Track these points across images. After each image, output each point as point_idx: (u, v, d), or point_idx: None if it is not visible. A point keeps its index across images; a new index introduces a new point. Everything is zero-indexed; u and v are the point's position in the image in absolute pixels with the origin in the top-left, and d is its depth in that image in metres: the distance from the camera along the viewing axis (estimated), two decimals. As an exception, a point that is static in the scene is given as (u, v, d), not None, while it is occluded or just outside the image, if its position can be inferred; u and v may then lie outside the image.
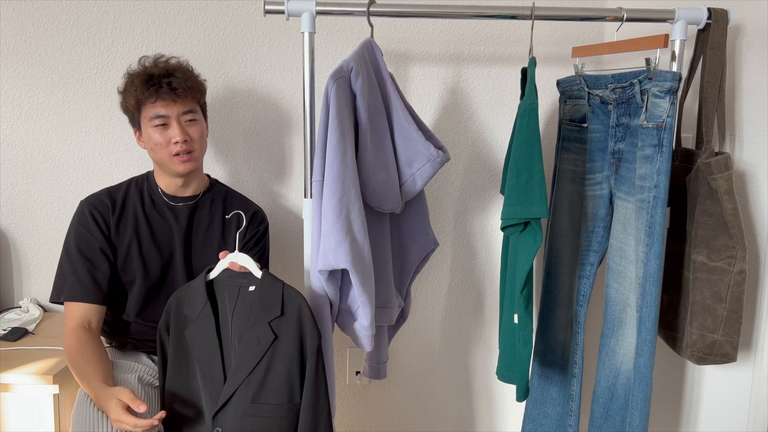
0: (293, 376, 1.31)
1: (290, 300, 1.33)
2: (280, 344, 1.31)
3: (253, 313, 1.33)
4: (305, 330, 1.31)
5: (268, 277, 1.35)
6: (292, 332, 1.31)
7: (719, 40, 1.45)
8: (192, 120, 1.48)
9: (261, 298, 1.33)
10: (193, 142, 1.47)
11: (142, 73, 1.45)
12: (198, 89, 1.49)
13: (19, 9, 1.75)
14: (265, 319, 1.32)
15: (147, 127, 1.46)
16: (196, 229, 1.55)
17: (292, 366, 1.31)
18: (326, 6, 1.41)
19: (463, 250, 1.96)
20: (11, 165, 1.81)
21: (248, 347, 1.32)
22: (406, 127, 1.44)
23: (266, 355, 1.31)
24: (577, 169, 1.65)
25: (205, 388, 1.35)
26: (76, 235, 1.48)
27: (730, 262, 1.41)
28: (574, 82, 1.61)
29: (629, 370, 1.53)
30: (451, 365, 2.02)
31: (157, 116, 1.44)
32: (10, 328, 1.66)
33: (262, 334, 1.31)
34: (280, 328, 1.32)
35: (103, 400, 1.28)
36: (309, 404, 1.31)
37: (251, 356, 1.31)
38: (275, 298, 1.33)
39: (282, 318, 1.32)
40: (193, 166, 1.49)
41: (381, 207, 1.46)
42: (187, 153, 1.46)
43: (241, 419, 1.30)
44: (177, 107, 1.45)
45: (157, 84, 1.43)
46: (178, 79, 1.44)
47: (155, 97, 1.43)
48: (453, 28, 1.85)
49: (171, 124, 1.45)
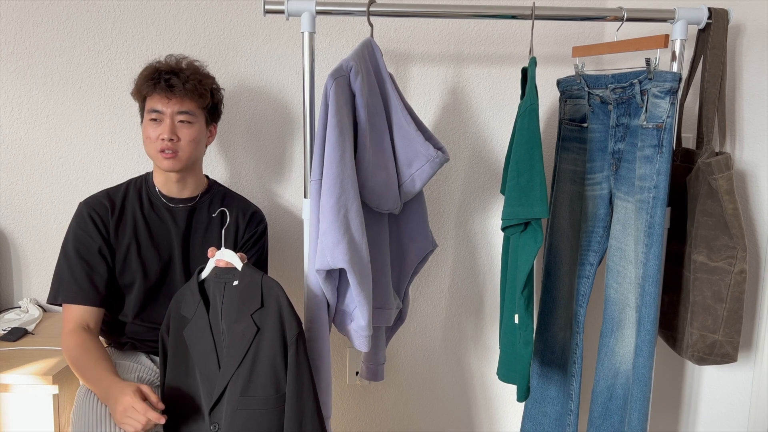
0: (278, 367, 1.31)
1: (269, 291, 1.33)
2: (263, 336, 1.31)
3: (237, 307, 1.34)
4: (285, 320, 1.31)
5: (248, 270, 1.35)
6: (273, 323, 1.31)
7: (719, 40, 1.45)
8: (185, 122, 1.46)
9: (242, 291, 1.34)
10: (180, 143, 1.46)
11: (150, 67, 1.49)
12: (199, 93, 1.47)
13: (19, 9, 1.75)
14: (248, 311, 1.32)
15: (145, 119, 1.49)
16: (195, 230, 1.55)
17: (276, 357, 1.31)
18: (326, 6, 1.41)
19: (463, 251, 1.96)
20: (11, 165, 1.81)
21: (235, 341, 1.32)
22: (406, 127, 1.44)
23: (251, 347, 1.31)
24: (577, 169, 1.65)
25: (202, 386, 1.36)
26: (74, 237, 1.47)
27: (730, 262, 1.41)
28: (574, 81, 1.61)
29: (628, 370, 1.52)
30: (451, 366, 2.02)
31: (153, 110, 1.46)
32: (9, 328, 1.66)
33: (246, 327, 1.32)
34: (262, 320, 1.32)
35: (116, 392, 1.27)
36: (293, 393, 1.30)
37: (238, 350, 1.32)
38: (255, 290, 1.33)
39: (263, 309, 1.32)
40: (177, 166, 1.47)
41: (380, 207, 1.46)
42: (172, 152, 1.46)
43: (233, 414, 1.30)
44: (172, 105, 1.45)
45: (157, 79, 1.45)
46: (178, 78, 1.45)
47: (153, 91, 1.45)
48: (453, 28, 1.84)
49: (164, 120, 1.45)
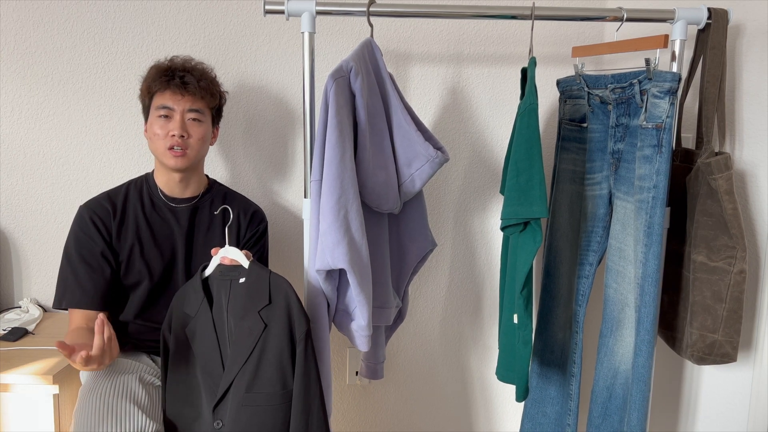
0: (285, 364, 1.31)
1: (277, 288, 1.33)
2: (270, 333, 1.32)
3: (243, 304, 1.34)
4: (293, 316, 1.31)
5: (255, 267, 1.36)
6: (281, 320, 1.31)
7: (719, 40, 1.45)
8: (196, 120, 1.48)
9: (249, 288, 1.34)
10: (190, 140, 1.47)
11: (161, 65, 1.49)
12: (210, 93, 1.50)
13: (19, 9, 1.75)
14: (255, 308, 1.32)
15: (153, 116, 1.48)
16: (198, 230, 1.55)
17: (283, 353, 1.31)
18: (326, 6, 1.41)
19: (462, 251, 1.96)
20: (11, 165, 1.81)
21: (241, 338, 1.32)
22: (406, 127, 1.44)
23: (258, 344, 1.31)
24: (576, 169, 1.65)
25: (204, 383, 1.36)
26: (76, 241, 1.47)
27: (730, 262, 1.41)
28: (574, 82, 1.61)
29: (628, 369, 1.53)
30: (451, 365, 2.02)
31: (163, 107, 1.46)
32: (10, 328, 1.66)
33: (253, 324, 1.32)
34: (270, 317, 1.32)
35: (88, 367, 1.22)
36: (300, 390, 1.31)
37: (244, 347, 1.32)
38: (263, 287, 1.34)
39: (270, 306, 1.32)
40: (185, 164, 1.48)
41: (380, 207, 1.46)
42: (181, 149, 1.46)
43: (238, 410, 1.31)
44: (184, 102, 1.46)
45: (170, 76, 1.46)
46: (192, 76, 1.47)
47: (165, 88, 1.46)
48: (453, 28, 1.84)
49: (174, 117, 1.46)
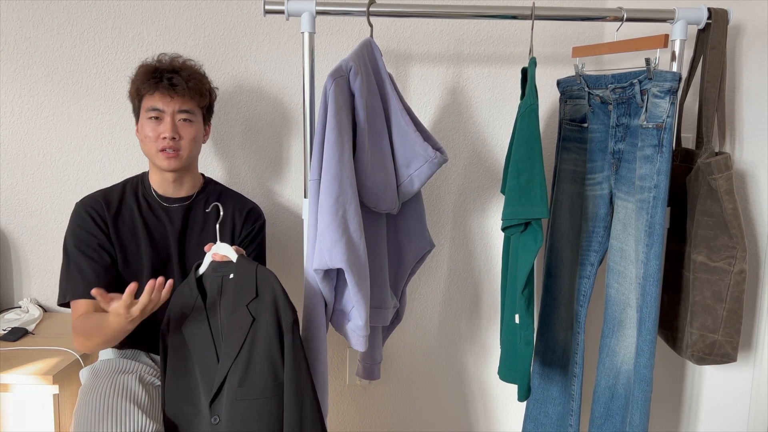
0: (275, 356, 1.31)
1: (263, 281, 1.33)
2: (259, 326, 1.32)
3: (233, 299, 1.34)
4: (280, 308, 1.31)
5: (243, 261, 1.36)
6: (269, 312, 1.31)
7: (719, 40, 1.45)
8: (186, 120, 1.47)
9: (237, 282, 1.34)
10: (181, 141, 1.47)
11: (149, 66, 1.47)
12: (200, 93, 1.48)
13: (19, 9, 1.75)
14: (243, 302, 1.33)
15: (143, 118, 1.47)
16: (191, 229, 1.55)
17: (273, 346, 1.31)
18: (326, 6, 1.41)
19: (461, 251, 1.96)
20: (11, 165, 1.81)
21: (232, 333, 1.33)
22: (405, 127, 1.44)
23: (248, 338, 1.32)
24: (577, 169, 1.65)
25: (202, 381, 1.36)
26: (74, 235, 1.47)
27: (730, 262, 1.41)
28: (574, 82, 1.61)
29: (629, 370, 1.52)
30: (450, 365, 2.02)
31: (153, 109, 1.45)
32: (10, 328, 1.66)
33: (242, 318, 1.32)
34: (258, 310, 1.32)
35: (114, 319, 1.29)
36: (291, 380, 1.31)
37: (235, 341, 1.32)
38: (250, 280, 1.34)
39: (258, 299, 1.33)
40: (178, 165, 1.48)
41: (378, 207, 1.46)
42: (174, 150, 1.46)
43: (233, 404, 1.31)
44: (173, 104, 1.45)
45: (158, 78, 1.44)
46: (180, 77, 1.45)
47: (154, 90, 1.45)
48: (453, 28, 1.84)
49: (164, 119, 1.45)
